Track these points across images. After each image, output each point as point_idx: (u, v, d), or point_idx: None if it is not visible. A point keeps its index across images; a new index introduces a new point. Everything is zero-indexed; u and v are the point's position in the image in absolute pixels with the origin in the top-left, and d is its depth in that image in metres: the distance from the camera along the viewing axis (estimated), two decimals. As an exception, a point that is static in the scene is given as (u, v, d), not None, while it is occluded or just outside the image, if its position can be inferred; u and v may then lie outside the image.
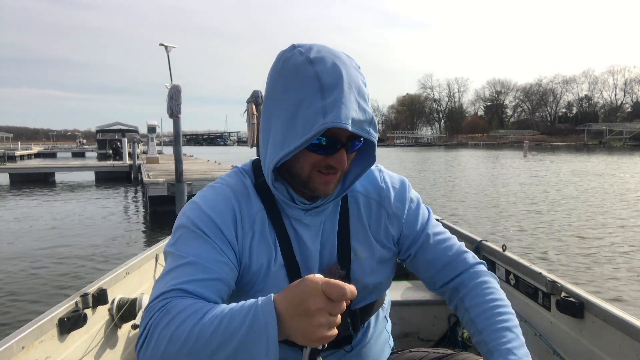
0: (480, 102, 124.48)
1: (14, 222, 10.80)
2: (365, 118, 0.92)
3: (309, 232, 1.07)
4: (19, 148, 54.21)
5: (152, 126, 25.23)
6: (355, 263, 1.09)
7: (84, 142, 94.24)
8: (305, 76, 0.90)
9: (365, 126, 0.93)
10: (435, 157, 44.33)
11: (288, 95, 0.91)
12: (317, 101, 0.88)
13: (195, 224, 0.96)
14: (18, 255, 7.57)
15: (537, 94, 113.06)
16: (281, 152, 0.92)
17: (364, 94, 0.94)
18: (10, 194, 16.93)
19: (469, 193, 15.43)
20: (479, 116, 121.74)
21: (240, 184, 1.07)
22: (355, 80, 0.93)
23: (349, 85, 0.90)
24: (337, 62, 0.91)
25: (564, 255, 7.40)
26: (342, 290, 0.72)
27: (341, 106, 0.88)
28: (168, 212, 10.74)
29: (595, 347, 1.91)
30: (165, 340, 0.77)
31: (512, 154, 46.51)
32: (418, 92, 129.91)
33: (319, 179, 0.98)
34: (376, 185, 1.16)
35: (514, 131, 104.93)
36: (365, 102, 0.94)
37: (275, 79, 0.95)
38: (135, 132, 44.95)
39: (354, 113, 0.90)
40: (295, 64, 0.91)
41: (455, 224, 3.53)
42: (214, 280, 0.90)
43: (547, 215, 10.86)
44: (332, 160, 0.94)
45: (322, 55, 0.92)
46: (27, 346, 1.70)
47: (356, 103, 0.91)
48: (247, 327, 0.74)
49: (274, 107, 0.95)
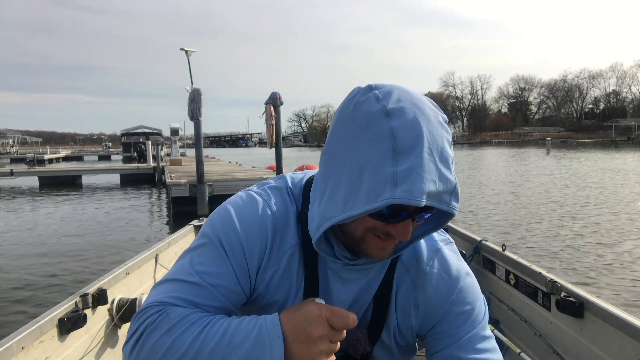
0: (504, 100, 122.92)
1: (42, 223, 11.13)
2: (445, 189, 0.75)
3: (343, 287, 0.93)
4: (47, 152, 55.54)
5: (175, 129, 25.63)
6: (380, 345, 0.97)
7: (110, 146, 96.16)
8: (378, 131, 0.74)
9: (445, 197, 0.76)
10: (457, 156, 43.80)
11: (356, 149, 0.76)
12: (387, 166, 0.72)
13: (220, 241, 0.86)
14: (42, 254, 7.84)
15: (563, 89, 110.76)
16: (341, 215, 0.76)
17: (447, 159, 0.76)
18: (40, 196, 17.43)
19: (483, 194, 15.28)
20: (503, 113, 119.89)
21: (284, 210, 0.92)
22: (438, 141, 0.76)
23: (429, 149, 0.73)
24: (418, 118, 0.75)
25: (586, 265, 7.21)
26: (346, 320, 0.72)
27: (416, 178, 0.71)
28: (190, 213, 10.94)
29: (595, 347, 1.90)
30: (164, 347, 0.74)
31: (536, 151, 45.54)
32: (440, 90, 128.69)
33: (375, 243, 0.83)
34: (419, 263, 0.96)
35: (539, 128, 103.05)
36: (448, 169, 0.77)
37: (344, 124, 0.78)
38: (159, 134, 45.77)
39: (432, 186, 0.73)
40: (368, 112, 0.75)
41: (455, 224, 3.51)
42: (218, 309, 0.84)
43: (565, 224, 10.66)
44: (394, 229, 0.79)
45: (401, 106, 0.75)
46: (27, 346, 1.69)
47: (436, 172, 0.74)
48: (251, 344, 0.72)
49: (339, 156, 0.79)
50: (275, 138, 10.46)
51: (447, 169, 0.76)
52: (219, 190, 11.67)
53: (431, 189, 0.72)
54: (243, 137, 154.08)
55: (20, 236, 9.62)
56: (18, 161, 43.87)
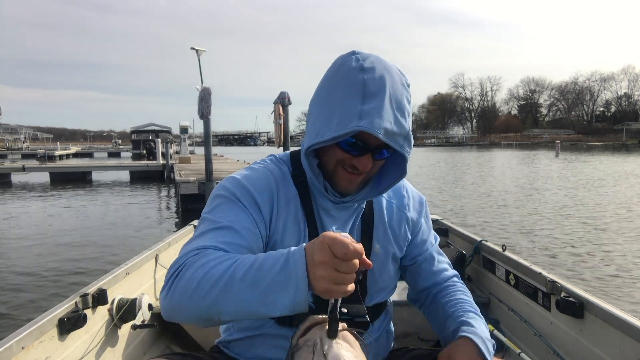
0: (513, 101, 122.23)
1: (51, 217, 11.27)
2: (400, 131, 0.99)
3: (335, 224, 1.13)
4: (58, 148, 56.06)
5: (184, 127, 25.82)
6: (373, 257, 1.16)
7: (119, 143, 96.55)
8: (353, 81, 0.98)
9: (399, 139, 1.00)
10: (465, 157, 43.52)
11: (334, 93, 1.00)
12: (357, 105, 0.96)
13: (234, 194, 1.03)
14: (52, 248, 7.96)
15: (573, 92, 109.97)
16: (314, 140, 1.01)
17: (403, 110, 1.00)
18: (51, 191, 17.64)
19: (477, 193, 15.22)
20: (513, 115, 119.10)
21: (279, 171, 1.14)
22: (398, 95, 0.99)
23: (389, 98, 0.97)
24: (385, 75, 0.98)
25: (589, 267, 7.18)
26: (345, 248, 0.74)
27: (376, 115, 0.95)
28: (199, 210, 10.95)
29: (595, 347, 1.90)
30: (198, 278, 0.82)
31: (545, 154, 45.04)
32: (449, 91, 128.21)
33: (343, 175, 1.06)
34: (398, 193, 1.26)
35: (549, 130, 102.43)
36: (403, 118, 1.00)
37: (329, 77, 1.04)
38: (168, 132, 45.91)
39: (388, 124, 0.96)
40: (348, 68, 1.00)
41: (455, 225, 3.51)
42: (245, 248, 0.94)
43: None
44: (357, 162, 1.02)
45: (373, 66, 0.99)
46: (27, 346, 1.69)
47: (393, 116, 0.97)
48: (280, 267, 0.78)
49: (320, 100, 1.04)
50: (283, 137, 10.53)
51: (402, 117, 0.99)
52: (227, 188, 11.72)
53: (387, 127, 0.96)
54: (251, 135, 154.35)
55: (31, 232, 9.77)
56: (29, 157, 44.32)
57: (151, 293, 2.83)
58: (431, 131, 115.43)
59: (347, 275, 0.76)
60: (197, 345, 2.74)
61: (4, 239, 8.98)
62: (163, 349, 2.73)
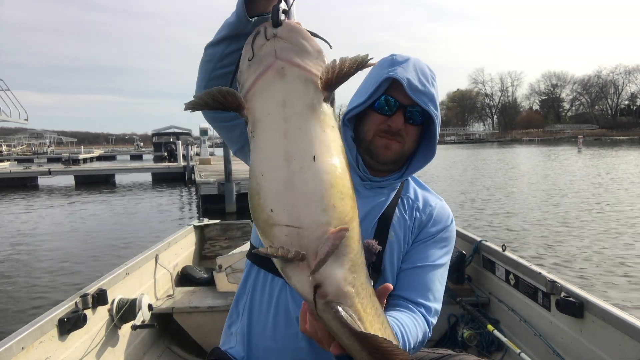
0: (535, 96, 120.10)
1: (79, 219, 11.59)
2: (424, 90, 1.16)
3: (358, 200, 1.11)
4: (82, 152, 57.14)
5: (204, 129, 26.16)
6: (389, 244, 1.23)
7: (141, 145, 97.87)
8: (385, 61, 1.20)
9: (424, 98, 1.16)
10: (485, 154, 42.79)
11: (370, 75, 1.23)
12: (385, 70, 1.17)
13: None
14: (77, 245, 8.22)
15: (597, 86, 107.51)
16: (350, 106, 1.21)
17: (426, 75, 1.18)
18: (76, 193, 18.09)
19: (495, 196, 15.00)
20: (534, 111, 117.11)
21: None
22: (422, 67, 1.19)
23: (414, 67, 1.17)
24: (412, 58, 1.19)
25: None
26: None
27: (399, 69, 1.15)
28: (219, 210, 11.26)
29: (595, 347, 1.91)
30: None
31: (567, 150, 43.59)
32: (469, 88, 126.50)
33: (380, 142, 1.20)
34: (427, 202, 1.33)
35: (571, 125, 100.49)
36: (427, 81, 1.17)
37: (370, 72, 1.25)
38: (188, 134, 46.48)
39: (412, 77, 1.14)
40: (384, 59, 1.22)
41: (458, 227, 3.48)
42: None
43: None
44: (390, 121, 1.18)
45: (403, 55, 1.21)
46: (27, 347, 1.70)
47: (416, 74, 1.16)
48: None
49: (362, 86, 1.25)
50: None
51: (426, 81, 1.16)
52: (246, 188, 11.86)
53: (411, 79, 1.13)
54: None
55: (58, 230, 10.07)
56: (54, 160, 45.33)
57: (151, 293, 2.83)
58: (451, 128, 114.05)
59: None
60: (197, 345, 2.76)
61: (35, 238, 9.29)
62: (163, 349, 2.76)
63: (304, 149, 0.77)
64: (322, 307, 0.79)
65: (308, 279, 0.77)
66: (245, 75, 0.82)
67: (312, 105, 0.79)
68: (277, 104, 0.78)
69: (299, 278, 0.78)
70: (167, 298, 2.94)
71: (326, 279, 0.77)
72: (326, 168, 0.77)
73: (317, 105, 0.79)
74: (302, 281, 0.78)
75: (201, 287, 3.17)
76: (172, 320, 2.83)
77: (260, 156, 0.79)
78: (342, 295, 0.79)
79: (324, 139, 0.78)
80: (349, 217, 0.79)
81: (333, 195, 0.77)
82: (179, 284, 3.30)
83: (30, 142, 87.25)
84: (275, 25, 0.81)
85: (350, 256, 0.80)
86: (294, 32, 0.81)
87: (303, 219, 0.75)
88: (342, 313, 0.78)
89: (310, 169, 0.76)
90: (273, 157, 0.77)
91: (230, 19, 0.98)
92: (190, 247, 3.92)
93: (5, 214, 13.16)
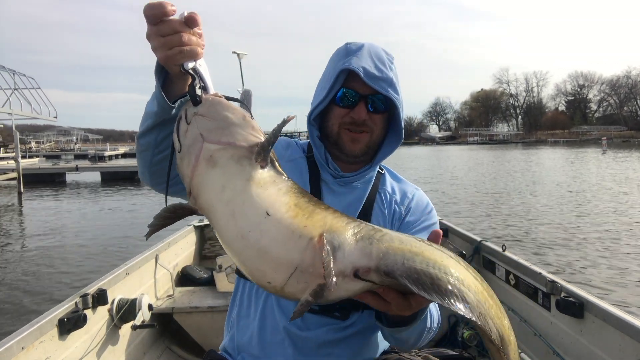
0: (561, 97, 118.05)
1: (110, 211, 11.91)
2: (381, 76, 1.13)
3: (333, 198, 1.23)
4: (107, 149, 58.29)
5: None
6: None
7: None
8: (339, 51, 1.19)
9: (382, 84, 1.13)
10: (511, 155, 41.90)
11: (327, 67, 1.22)
12: (340, 62, 1.15)
13: None
14: (104, 241, 8.45)
15: (626, 86, 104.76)
16: (313, 106, 1.19)
17: (383, 60, 1.15)
18: (102, 189, 18.55)
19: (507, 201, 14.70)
20: (560, 111, 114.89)
21: (296, 145, 1.35)
22: (377, 51, 1.16)
23: (369, 52, 1.15)
24: (366, 43, 1.18)
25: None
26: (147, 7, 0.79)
27: (354, 59, 1.13)
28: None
29: (595, 347, 1.90)
30: None
31: (590, 153, 41.18)
32: (493, 87, 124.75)
33: (347, 136, 1.19)
34: (404, 193, 1.32)
35: (598, 127, 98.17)
36: (384, 66, 1.14)
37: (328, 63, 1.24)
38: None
39: (368, 65, 1.12)
40: (338, 49, 1.21)
41: (455, 225, 3.46)
42: None
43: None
44: (354, 113, 1.15)
45: (358, 42, 1.19)
46: (27, 347, 1.69)
47: (372, 61, 1.13)
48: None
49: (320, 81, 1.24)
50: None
51: (382, 65, 1.14)
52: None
53: (366, 67, 1.11)
54: (292, 135, 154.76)
55: (88, 224, 10.33)
56: (81, 157, 46.42)
57: (151, 293, 2.84)
58: (474, 129, 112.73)
59: (173, 36, 0.80)
60: (197, 345, 2.78)
61: (65, 233, 9.56)
62: (163, 349, 2.78)
63: (253, 217, 0.77)
64: (378, 277, 0.77)
65: (344, 280, 0.76)
66: (182, 169, 0.84)
67: (250, 178, 0.80)
68: (217, 192, 0.79)
69: (339, 290, 0.77)
70: (167, 298, 2.95)
71: (349, 262, 0.76)
72: (282, 213, 0.78)
73: (255, 175, 0.80)
74: (346, 286, 0.77)
75: (201, 287, 3.16)
76: (172, 320, 2.84)
77: (225, 243, 0.81)
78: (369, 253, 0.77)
79: (267, 197, 0.79)
80: (320, 223, 0.79)
81: (297, 223, 0.78)
82: (179, 284, 3.29)
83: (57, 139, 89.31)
84: (195, 104, 0.83)
85: (343, 237, 0.78)
86: (214, 106, 0.83)
87: (293, 260, 0.76)
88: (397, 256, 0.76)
89: (269, 224, 0.77)
90: (233, 240, 0.79)
91: (153, 108, 0.95)
92: (191, 247, 3.90)
93: (38, 209, 13.55)
